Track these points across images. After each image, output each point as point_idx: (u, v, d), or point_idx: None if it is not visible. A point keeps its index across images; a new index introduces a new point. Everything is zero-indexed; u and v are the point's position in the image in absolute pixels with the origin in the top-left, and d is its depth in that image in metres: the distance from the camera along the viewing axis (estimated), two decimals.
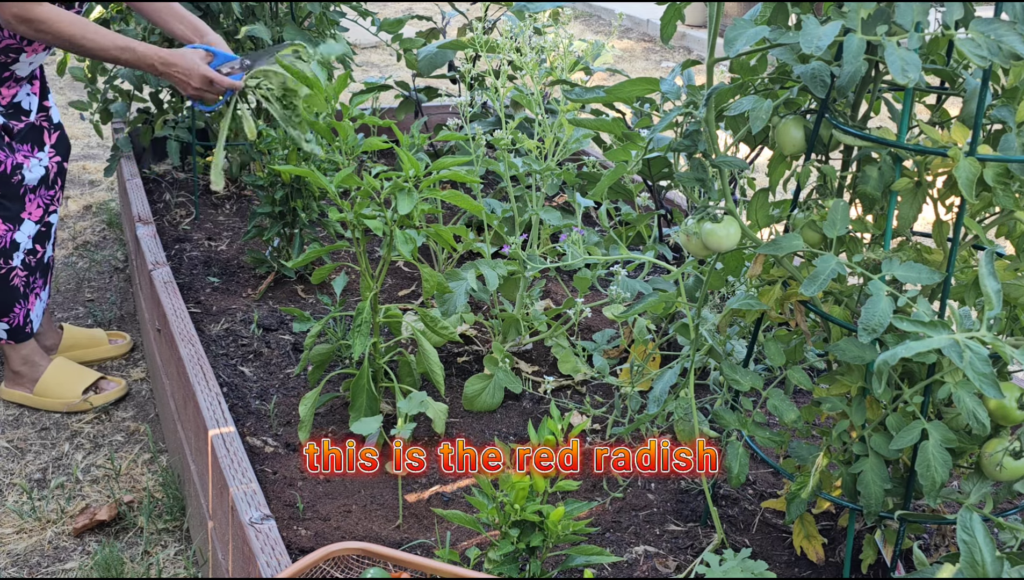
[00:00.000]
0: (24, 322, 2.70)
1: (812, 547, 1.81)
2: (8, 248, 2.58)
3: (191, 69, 2.40)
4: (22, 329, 2.71)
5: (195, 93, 2.46)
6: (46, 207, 2.66)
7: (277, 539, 1.71)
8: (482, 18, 3.57)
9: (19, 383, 2.79)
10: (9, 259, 2.59)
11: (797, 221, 1.65)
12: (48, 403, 2.76)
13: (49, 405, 2.76)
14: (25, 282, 2.66)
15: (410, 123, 3.84)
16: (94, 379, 2.80)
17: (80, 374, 2.80)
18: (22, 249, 2.62)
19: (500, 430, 2.27)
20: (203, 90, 2.45)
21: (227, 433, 2.01)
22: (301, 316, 2.30)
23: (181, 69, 2.40)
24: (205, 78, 2.42)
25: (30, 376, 2.77)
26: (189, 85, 2.43)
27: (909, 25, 1.43)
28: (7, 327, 2.67)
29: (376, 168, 2.15)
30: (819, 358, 1.89)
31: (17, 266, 2.62)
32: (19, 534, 2.32)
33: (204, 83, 2.42)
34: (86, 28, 2.34)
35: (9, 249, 2.58)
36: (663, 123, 1.72)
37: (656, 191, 2.80)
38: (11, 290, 2.63)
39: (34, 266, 2.68)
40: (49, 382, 2.76)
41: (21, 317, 2.68)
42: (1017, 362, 1.44)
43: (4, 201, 2.56)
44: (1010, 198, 1.52)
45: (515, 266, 2.34)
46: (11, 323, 2.67)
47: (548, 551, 1.62)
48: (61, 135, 2.74)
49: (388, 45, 3.59)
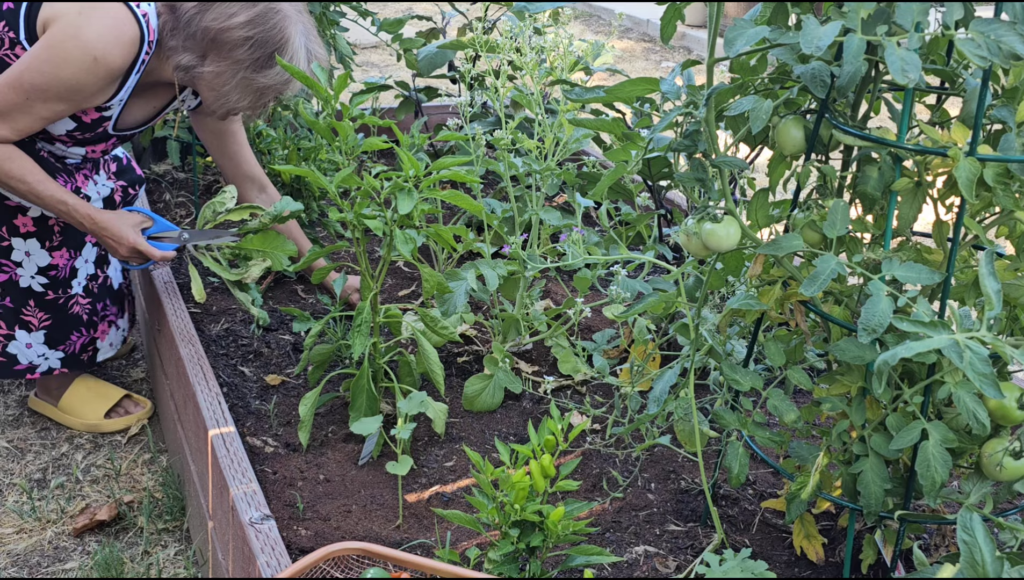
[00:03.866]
0: (82, 350, 2.60)
1: (812, 547, 1.81)
2: (67, 277, 2.52)
3: (121, 237, 2.39)
4: (77, 357, 2.60)
5: (123, 258, 2.45)
6: None
7: (277, 539, 1.71)
8: (482, 18, 3.57)
9: (48, 393, 2.71)
10: (68, 288, 2.53)
11: (797, 221, 1.65)
12: (70, 421, 2.69)
13: (72, 423, 2.69)
14: (91, 309, 2.58)
15: (410, 123, 3.83)
16: (118, 398, 2.71)
17: (105, 392, 2.71)
18: (82, 274, 2.56)
19: (500, 430, 2.27)
20: (130, 258, 2.44)
21: (227, 433, 2.01)
22: (301, 316, 2.30)
23: (112, 234, 2.38)
24: (133, 249, 2.41)
25: (57, 389, 2.70)
26: (118, 251, 2.42)
27: (909, 25, 1.43)
28: (62, 355, 2.57)
29: (376, 168, 2.15)
30: (819, 358, 1.89)
31: (78, 293, 2.55)
32: (19, 534, 2.32)
33: (132, 253, 2.42)
34: (35, 174, 2.28)
35: (68, 277, 2.52)
36: (663, 123, 1.72)
37: (656, 191, 2.80)
38: (71, 319, 2.55)
39: (98, 292, 2.60)
40: (73, 399, 2.69)
41: (78, 345, 2.59)
42: (1017, 362, 1.44)
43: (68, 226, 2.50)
44: (1010, 198, 1.52)
45: (515, 266, 2.34)
46: (66, 351, 2.57)
47: (548, 551, 1.62)
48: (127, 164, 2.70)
49: (388, 45, 3.59)
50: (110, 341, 2.68)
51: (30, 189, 2.28)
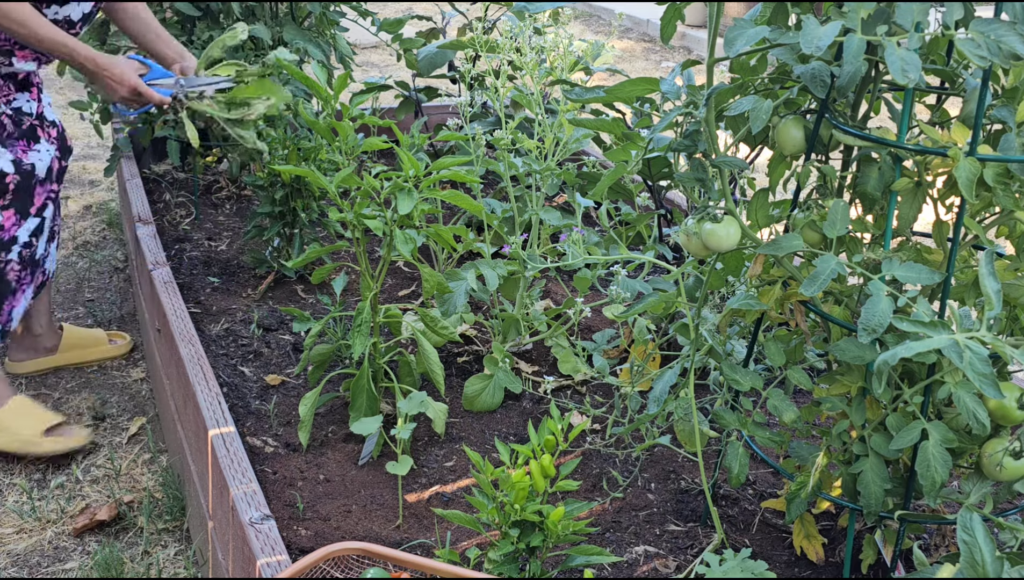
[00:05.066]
0: (6, 321, 2.60)
1: (812, 547, 1.81)
2: (7, 241, 2.55)
3: (123, 77, 2.46)
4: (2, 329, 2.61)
5: (121, 100, 2.52)
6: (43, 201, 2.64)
7: (277, 539, 1.71)
8: (482, 18, 3.57)
9: None
10: (7, 252, 2.56)
11: (797, 221, 1.65)
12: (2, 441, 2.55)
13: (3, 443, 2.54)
14: (17, 277, 2.61)
15: (410, 123, 3.83)
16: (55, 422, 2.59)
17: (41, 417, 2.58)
18: (19, 242, 2.58)
19: (500, 430, 2.27)
20: (130, 100, 2.50)
21: (227, 433, 2.01)
22: (301, 316, 2.30)
23: (113, 75, 2.45)
24: (134, 89, 2.47)
25: None
26: (117, 92, 2.48)
27: (909, 25, 1.43)
28: None
29: (376, 168, 2.15)
30: (819, 358, 1.89)
31: (13, 259, 2.58)
32: (19, 534, 2.32)
33: (132, 93, 2.48)
34: (37, 18, 2.37)
35: (8, 242, 2.55)
36: (663, 123, 1.72)
37: (656, 191, 2.80)
38: (4, 284, 2.58)
39: (27, 260, 2.63)
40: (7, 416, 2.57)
41: (5, 314, 2.60)
42: (1017, 362, 1.44)
43: (20, 193, 2.54)
44: (1010, 198, 1.52)
45: (515, 266, 2.34)
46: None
47: (548, 551, 1.62)
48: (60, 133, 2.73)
49: (388, 45, 3.59)
50: (17, 312, 2.63)
51: (31, 32, 2.36)
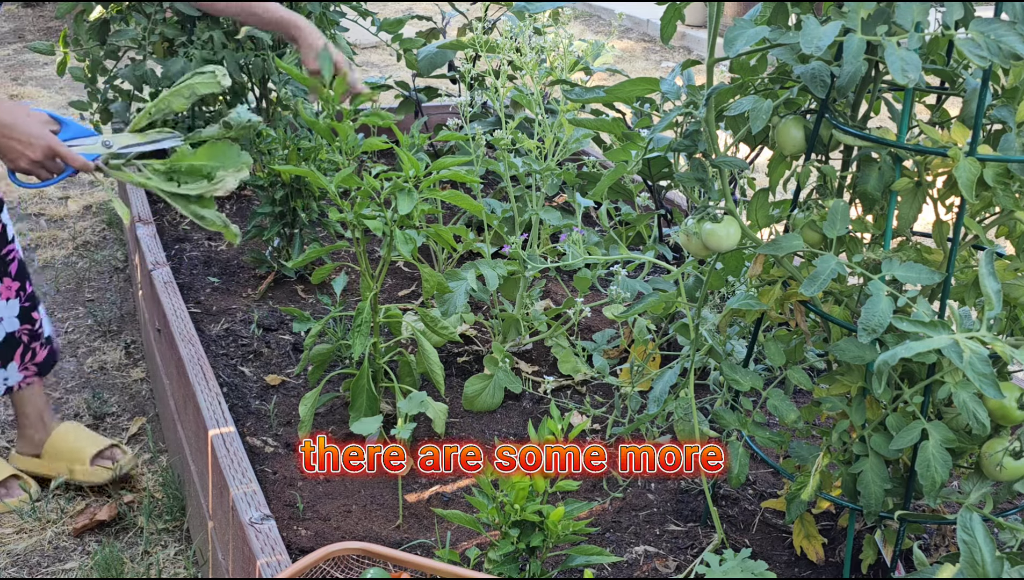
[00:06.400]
0: None
1: (812, 547, 1.81)
2: None
3: (36, 137, 1.88)
4: None
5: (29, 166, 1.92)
6: None
7: (277, 539, 1.71)
8: (482, 18, 3.57)
9: None
10: None
11: (797, 221, 1.65)
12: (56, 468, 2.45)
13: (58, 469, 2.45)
14: None
15: (410, 123, 3.83)
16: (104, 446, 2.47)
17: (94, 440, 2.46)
18: None
19: (500, 430, 2.27)
20: (41, 164, 1.92)
21: (227, 433, 2.01)
22: (301, 316, 2.30)
23: (21, 134, 1.87)
24: (50, 150, 1.90)
25: None
26: (25, 155, 1.89)
27: (909, 25, 1.43)
28: None
29: (376, 168, 2.15)
30: (819, 358, 1.89)
31: None
32: (19, 534, 2.32)
33: (47, 156, 1.91)
34: None
35: None
36: (663, 123, 1.72)
37: (656, 191, 2.80)
38: None
39: None
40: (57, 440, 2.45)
41: None
42: (1017, 362, 1.44)
43: None
44: (1010, 198, 1.52)
45: (515, 266, 2.34)
46: None
47: (548, 551, 1.62)
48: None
49: (388, 45, 3.59)
50: None
51: None
